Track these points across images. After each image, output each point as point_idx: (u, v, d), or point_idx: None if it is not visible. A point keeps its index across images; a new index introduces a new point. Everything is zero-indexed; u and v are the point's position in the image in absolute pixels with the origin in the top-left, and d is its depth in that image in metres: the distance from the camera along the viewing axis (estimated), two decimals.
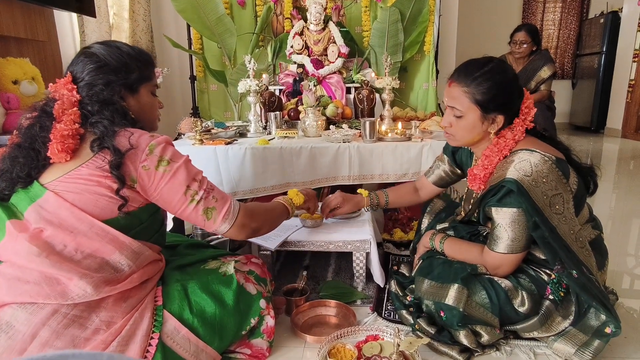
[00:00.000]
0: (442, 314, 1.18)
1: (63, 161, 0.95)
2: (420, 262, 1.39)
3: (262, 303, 1.16)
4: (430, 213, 1.63)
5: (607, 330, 1.09)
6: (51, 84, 1.04)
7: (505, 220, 1.14)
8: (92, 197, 0.95)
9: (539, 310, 1.15)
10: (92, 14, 2.66)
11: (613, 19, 5.34)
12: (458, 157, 1.49)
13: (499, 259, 1.18)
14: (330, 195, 1.63)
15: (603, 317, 1.10)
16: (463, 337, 1.16)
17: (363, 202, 1.60)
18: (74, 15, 2.78)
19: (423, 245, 1.45)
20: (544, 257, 1.19)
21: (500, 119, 1.20)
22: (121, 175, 0.96)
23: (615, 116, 5.30)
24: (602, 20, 5.53)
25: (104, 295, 0.94)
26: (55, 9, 2.44)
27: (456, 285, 1.17)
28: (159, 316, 1.02)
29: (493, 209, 1.17)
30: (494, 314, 1.15)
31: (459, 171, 1.52)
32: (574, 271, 1.11)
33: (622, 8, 5.25)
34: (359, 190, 1.62)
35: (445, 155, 1.53)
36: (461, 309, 1.14)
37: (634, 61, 4.94)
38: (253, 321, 1.14)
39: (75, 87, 1.01)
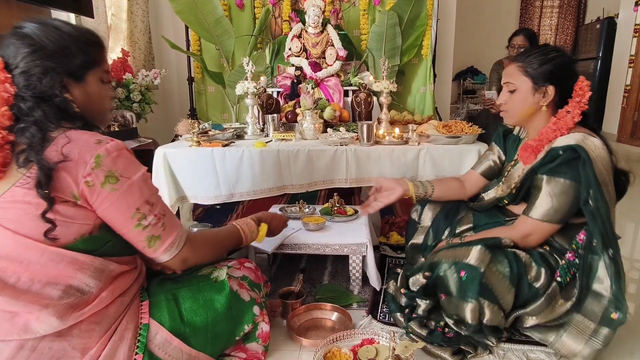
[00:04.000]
0: (461, 274, 1.16)
1: None
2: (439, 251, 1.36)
3: (256, 309, 1.14)
4: (433, 205, 1.58)
5: (614, 315, 1.10)
6: None
7: (554, 189, 1.17)
8: (35, 223, 0.82)
9: (547, 290, 1.18)
10: (90, 14, 2.66)
11: (609, 25, 5.38)
12: (507, 145, 1.49)
13: (534, 226, 1.20)
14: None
15: (604, 300, 1.12)
16: (469, 311, 1.15)
17: (407, 185, 1.50)
18: (72, 15, 2.77)
19: None
20: (567, 247, 1.22)
21: (551, 90, 1.24)
22: (48, 195, 0.81)
23: (611, 121, 5.33)
24: (598, 26, 5.57)
25: (72, 323, 0.85)
26: (53, 9, 2.43)
27: (479, 247, 1.17)
28: (143, 336, 0.95)
29: (545, 177, 1.19)
30: (512, 284, 1.16)
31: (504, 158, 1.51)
32: (611, 250, 1.13)
33: (618, 14, 5.29)
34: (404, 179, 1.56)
35: (495, 144, 1.54)
36: (482, 270, 1.14)
37: (630, 67, 4.98)
38: (247, 328, 1.12)
39: (9, 76, 0.85)
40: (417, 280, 1.32)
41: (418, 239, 1.57)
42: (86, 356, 0.87)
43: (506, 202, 1.38)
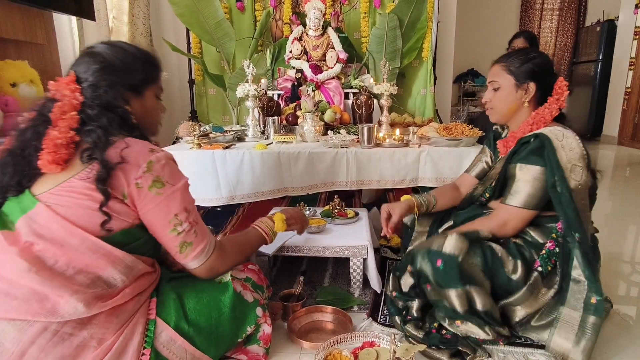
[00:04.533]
0: (438, 264, 1.17)
1: (54, 172, 0.92)
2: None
3: (259, 311, 1.15)
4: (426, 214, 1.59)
5: (593, 300, 1.13)
6: (51, 82, 0.99)
7: (527, 176, 1.22)
8: (85, 212, 0.91)
9: (528, 281, 1.20)
10: (91, 17, 2.67)
11: (609, 28, 5.39)
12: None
13: (511, 212, 1.24)
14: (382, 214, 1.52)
15: (584, 286, 1.14)
16: (455, 298, 1.16)
17: (412, 203, 1.49)
18: (73, 18, 2.79)
19: None
20: (541, 241, 1.25)
21: (532, 87, 1.30)
22: (106, 189, 0.91)
23: (612, 123, 5.33)
24: (598, 29, 5.58)
25: (95, 312, 0.90)
26: (54, 12, 2.44)
27: (455, 235, 1.19)
28: (150, 331, 0.98)
29: (518, 165, 1.24)
30: (486, 276, 1.19)
31: None
32: (577, 234, 1.16)
33: (618, 17, 5.30)
34: (403, 197, 1.55)
35: (486, 147, 1.56)
36: (460, 260, 1.15)
37: (630, 69, 4.98)
38: (249, 329, 1.13)
39: (79, 87, 0.97)
40: (407, 281, 1.35)
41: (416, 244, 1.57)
42: (102, 346, 0.91)
43: (487, 195, 1.42)
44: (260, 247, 1.30)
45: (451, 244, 1.17)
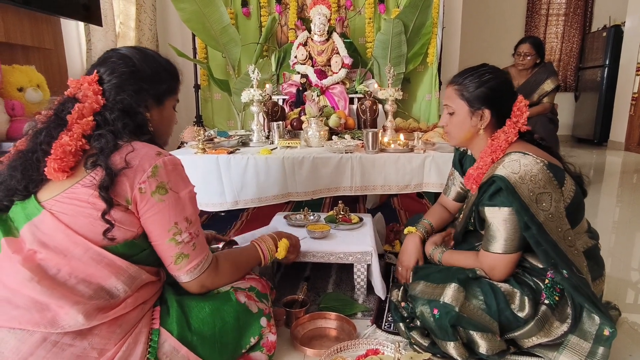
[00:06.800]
0: (435, 312, 1.15)
1: (59, 180, 0.90)
2: (416, 270, 1.40)
3: (263, 321, 1.13)
4: None
5: (606, 332, 1.08)
6: (71, 78, 0.97)
7: (497, 219, 1.15)
8: (87, 221, 0.90)
9: (536, 315, 1.14)
10: (98, 22, 2.70)
11: (615, 33, 5.36)
12: (465, 167, 1.49)
13: (494, 259, 1.18)
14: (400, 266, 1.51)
15: (597, 319, 1.09)
16: (452, 349, 1.13)
17: (418, 239, 1.50)
18: (81, 23, 2.82)
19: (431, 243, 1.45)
20: (541, 266, 1.19)
21: (487, 114, 1.24)
22: (109, 197, 0.88)
23: (618, 129, 5.29)
24: (604, 34, 5.56)
25: (96, 324, 0.88)
26: (62, 17, 2.47)
27: (453, 285, 1.15)
28: (154, 342, 0.95)
29: (486, 209, 1.18)
30: (493, 318, 1.13)
31: None
32: (565, 271, 1.11)
33: (624, 22, 5.27)
34: (406, 230, 1.57)
35: (454, 170, 1.54)
36: (457, 309, 1.12)
37: (637, 74, 4.95)
38: (253, 340, 1.11)
39: (102, 89, 0.95)
40: None
41: None
42: (103, 357, 0.88)
43: (471, 228, 1.38)
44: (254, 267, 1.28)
45: (449, 294, 1.15)
